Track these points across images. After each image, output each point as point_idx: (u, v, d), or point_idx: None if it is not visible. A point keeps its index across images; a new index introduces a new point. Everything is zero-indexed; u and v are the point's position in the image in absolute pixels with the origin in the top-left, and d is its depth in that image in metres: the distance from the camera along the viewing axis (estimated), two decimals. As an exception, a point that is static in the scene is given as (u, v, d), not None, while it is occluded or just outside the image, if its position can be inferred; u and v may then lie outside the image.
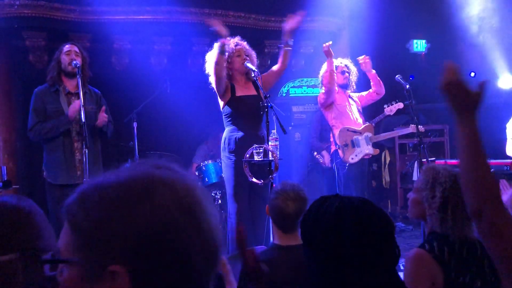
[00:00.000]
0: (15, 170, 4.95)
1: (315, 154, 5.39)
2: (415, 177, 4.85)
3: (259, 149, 3.35)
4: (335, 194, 1.28)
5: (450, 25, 6.29)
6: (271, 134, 3.39)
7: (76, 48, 3.65)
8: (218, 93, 3.72)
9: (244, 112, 3.69)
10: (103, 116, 3.60)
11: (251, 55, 3.82)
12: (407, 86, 4.30)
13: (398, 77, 4.42)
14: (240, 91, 3.77)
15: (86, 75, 3.64)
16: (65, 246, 0.71)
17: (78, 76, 3.43)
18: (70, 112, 3.46)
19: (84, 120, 3.33)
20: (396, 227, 5.28)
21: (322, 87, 4.68)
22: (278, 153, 3.37)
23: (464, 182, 1.23)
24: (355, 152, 4.55)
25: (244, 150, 3.45)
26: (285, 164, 4.37)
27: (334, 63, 4.51)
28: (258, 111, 3.58)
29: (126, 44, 5.23)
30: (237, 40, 3.79)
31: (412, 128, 4.54)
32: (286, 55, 3.81)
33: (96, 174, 2.51)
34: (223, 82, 3.67)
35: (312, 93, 5.81)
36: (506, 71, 6.53)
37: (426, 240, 1.87)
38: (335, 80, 4.50)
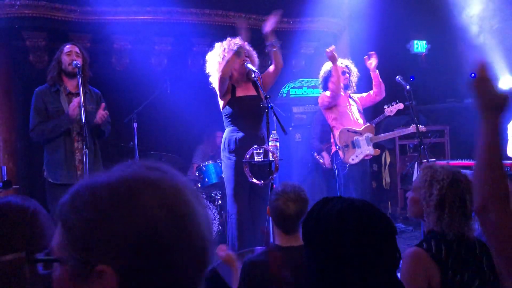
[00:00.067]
0: (15, 170, 4.95)
1: (315, 155, 5.39)
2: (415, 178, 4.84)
3: (259, 149, 3.34)
4: (338, 196, 1.29)
5: (451, 25, 6.28)
6: (271, 135, 3.39)
7: (76, 49, 3.65)
8: (219, 93, 3.72)
9: (245, 112, 3.70)
10: (103, 113, 3.59)
11: (252, 55, 3.82)
12: (408, 86, 4.30)
13: (399, 77, 4.42)
14: (240, 92, 3.77)
15: (86, 75, 3.64)
16: (57, 245, 0.72)
17: (78, 76, 3.42)
18: (70, 110, 3.46)
19: (84, 120, 3.33)
20: (397, 228, 5.27)
21: (322, 89, 4.68)
22: (279, 153, 3.36)
23: (475, 177, 1.25)
24: (355, 152, 4.55)
25: (244, 150, 3.45)
26: (285, 165, 4.38)
27: (335, 64, 4.51)
28: (259, 112, 3.59)
29: (127, 44, 5.24)
30: (237, 40, 3.79)
31: (413, 128, 4.54)
32: (276, 56, 3.81)
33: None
34: (227, 83, 3.68)
35: (313, 93, 5.81)
36: (506, 72, 6.52)
37: (424, 239, 1.87)
38: (341, 86, 4.51)
